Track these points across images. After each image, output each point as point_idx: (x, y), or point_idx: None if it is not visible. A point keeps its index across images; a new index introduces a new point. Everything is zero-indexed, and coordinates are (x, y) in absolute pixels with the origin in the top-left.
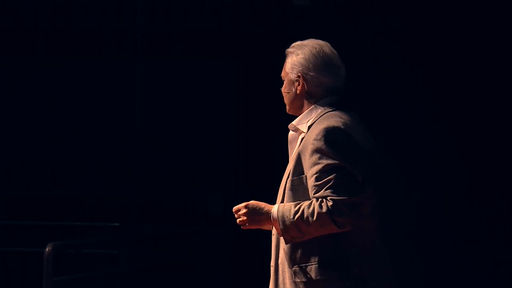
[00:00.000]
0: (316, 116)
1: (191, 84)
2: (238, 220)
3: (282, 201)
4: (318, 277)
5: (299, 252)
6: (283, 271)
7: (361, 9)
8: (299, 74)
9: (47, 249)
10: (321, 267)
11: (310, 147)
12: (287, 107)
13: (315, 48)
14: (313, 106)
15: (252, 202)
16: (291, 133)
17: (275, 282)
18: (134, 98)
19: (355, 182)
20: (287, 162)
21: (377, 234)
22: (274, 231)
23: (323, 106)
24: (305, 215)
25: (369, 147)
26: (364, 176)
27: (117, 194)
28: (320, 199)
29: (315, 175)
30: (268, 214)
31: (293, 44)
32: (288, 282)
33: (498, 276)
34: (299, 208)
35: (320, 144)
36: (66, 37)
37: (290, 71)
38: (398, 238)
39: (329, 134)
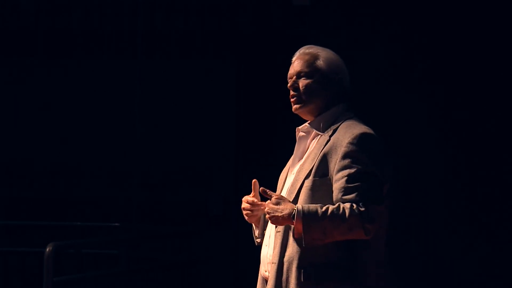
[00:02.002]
0: (338, 120)
1: (191, 84)
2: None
3: (296, 200)
4: (330, 283)
5: (313, 254)
6: (288, 270)
7: (361, 9)
8: (338, 76)
9: (47, 249)
10: (335, 273)
11: (342, 150)
12: (301, 104)
13: (336, 55)
14: (333, 108)
15: (284, 198)
16: (301, 134)
17: (275, 280)
18: (134, 98)
19: (382, 191)
20: (288, 161)
21: (386, 245)
22: (279, 228)
23: (341, 110)
24: (335, 218)
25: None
26: (387, 186)
27: (117, 194)
28: (351, 204)
29: (345, 178)
30: (290, 212)
31: (310, 46)
32: (293, 281)
33: (498, 276)
34: (327, 210)
35: (355, 148)
36: (66, 37)
37: (328, 68)
38: (398, 239)
39: (365, 141)
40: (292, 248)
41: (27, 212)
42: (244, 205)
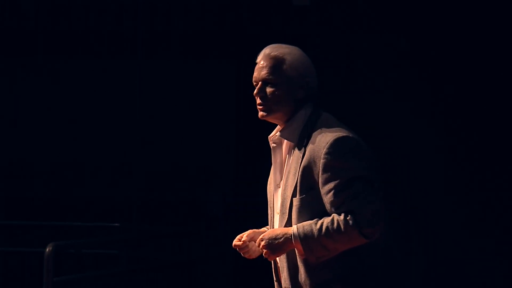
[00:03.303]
0: (308, 125)
1: (191, 84)
2: (264, 254)
3: (290, 220)
4: None
5: (320, 269)
6: None
7: (361, 9)
8: (306, 79)
9: (47, 249)
10: (346, 283)
11: (321, 162)
12: (268, 113)
13: (302, 53)
14: (300, 112)
15: (266, 232)
16: (273, 145)
17: None
18: (134, 98)
19: (373, 189)
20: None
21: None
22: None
23: (309, 113)
24: (331, 232)
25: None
26: (377, 181)
27: (117, 194)
28: (344, 214)
29: (332, 192)
30: (286, 237)
31: (275, 46)
32: None
33: (498, 276)
34: (321, 225)
35: (333, 158)
36: (66, 37)
37: (295, 72)
38: (397, 239)
39: (341, 146)
40: (301, 269)
41: (27, 212)
42: (236, 243)
